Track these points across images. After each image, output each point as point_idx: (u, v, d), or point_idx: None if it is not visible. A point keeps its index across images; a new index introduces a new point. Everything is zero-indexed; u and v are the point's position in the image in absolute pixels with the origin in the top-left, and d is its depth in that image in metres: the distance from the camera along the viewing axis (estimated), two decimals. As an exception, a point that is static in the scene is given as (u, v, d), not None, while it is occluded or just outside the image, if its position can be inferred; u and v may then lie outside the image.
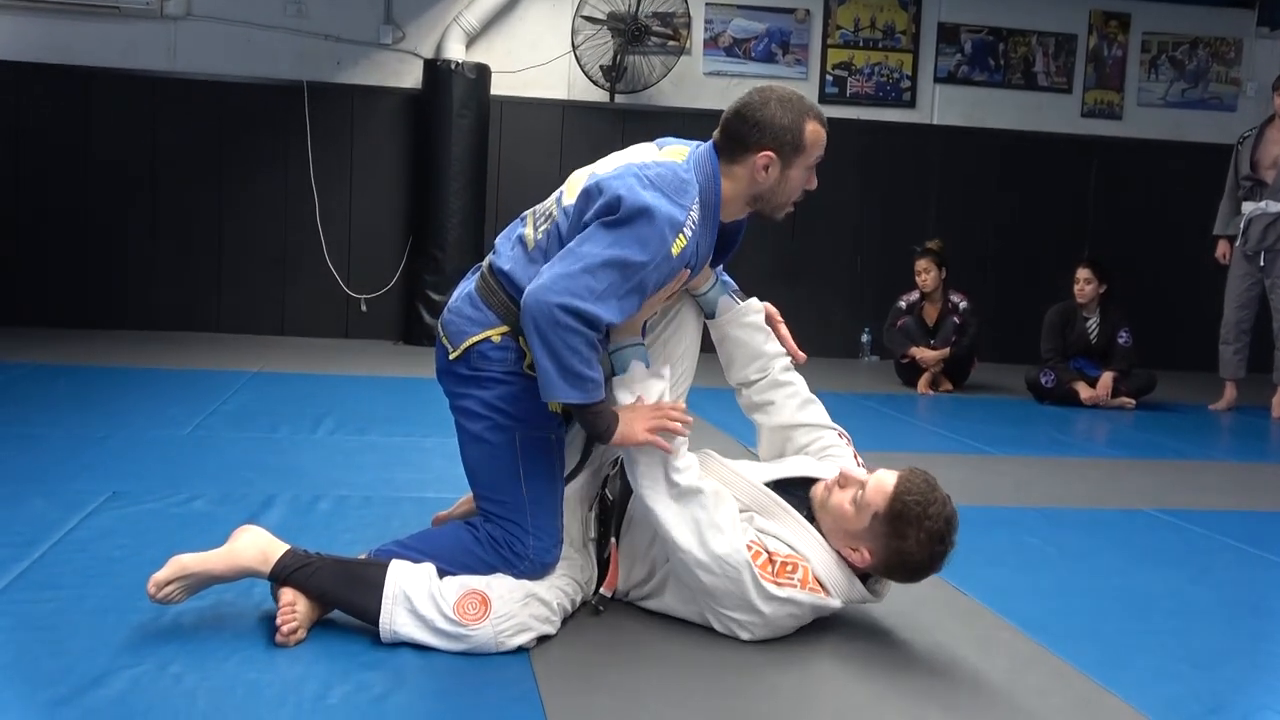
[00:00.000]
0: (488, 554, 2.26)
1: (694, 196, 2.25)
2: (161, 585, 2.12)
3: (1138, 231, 8.34)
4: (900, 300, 6.72)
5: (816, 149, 2.35)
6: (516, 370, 2.30)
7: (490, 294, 2.33)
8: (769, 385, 2.61)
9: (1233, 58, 8.59)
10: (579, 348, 2.12)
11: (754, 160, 2.30)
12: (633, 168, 2.26)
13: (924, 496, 2.21)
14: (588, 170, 2.37)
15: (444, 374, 2.40)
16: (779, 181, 2.34)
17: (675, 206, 2.20)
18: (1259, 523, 3.68)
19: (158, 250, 7.37)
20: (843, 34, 8.09)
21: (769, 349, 2.61)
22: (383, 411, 4.82)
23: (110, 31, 7.18)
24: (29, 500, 3.05)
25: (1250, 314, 6.37)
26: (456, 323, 2.35)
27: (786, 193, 2.37)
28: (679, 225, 2.19)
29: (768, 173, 2.32)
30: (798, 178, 2.36)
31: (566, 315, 2.10)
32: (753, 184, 2.33)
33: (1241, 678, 2.29)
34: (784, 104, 2.30)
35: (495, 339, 2.30)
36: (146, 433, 4.10)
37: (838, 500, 2.30)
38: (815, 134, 2.33)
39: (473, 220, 7.29)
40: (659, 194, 2.20)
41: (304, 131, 7.43)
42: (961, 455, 4.64)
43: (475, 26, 7.44)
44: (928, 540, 2.21)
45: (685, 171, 2.28)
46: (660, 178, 2.24)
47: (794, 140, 2.30)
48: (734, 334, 2.60)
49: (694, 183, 2.27)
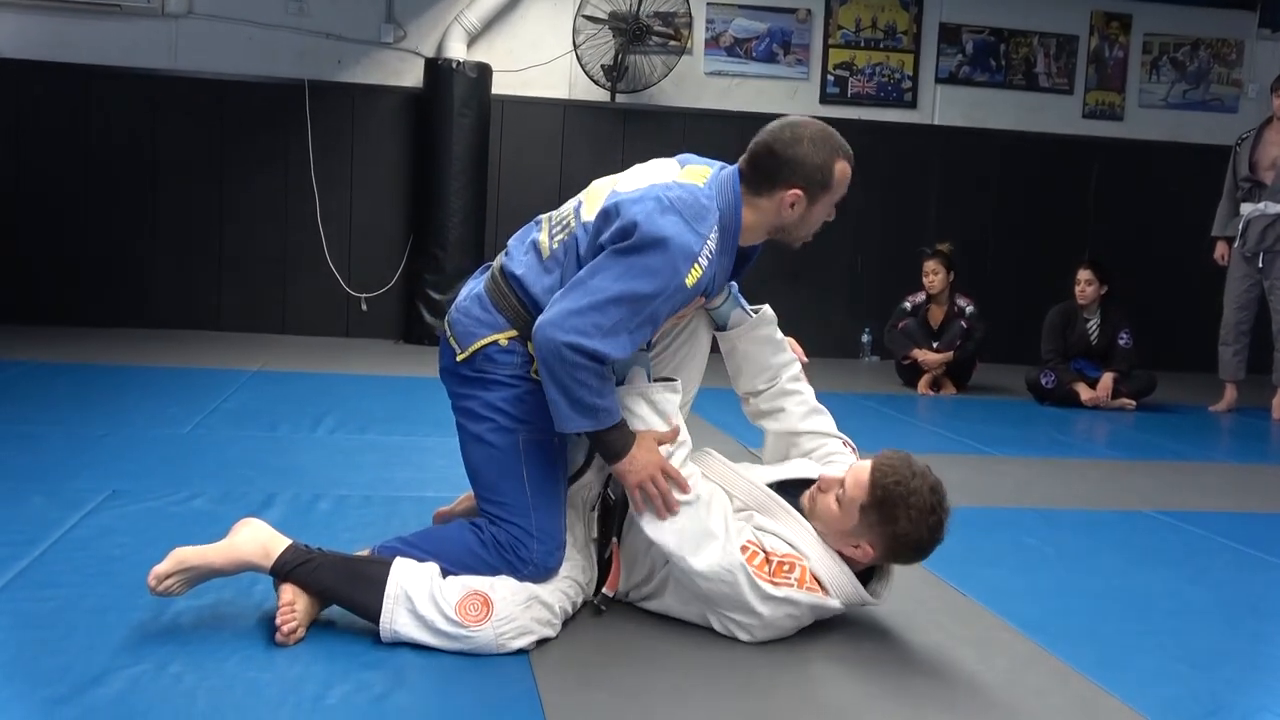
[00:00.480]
0: (492, 557, 2.25)
1: (713, 224, 2.24)
2: (162, 578, 2.12)
3: (1138, 233, 8.34)
4: (905, 301, 6.71)
5: (843, 187, 2.37)
6: (523, 374, 2.30)
7: (500, 297, 2.33)
8: (777, 394, 2.62)
9: (1234, 59, 8.59)
10: (587, 380, 2.14)
11: (781, 196, 2.32)
12: (655, 189, 2.24)
13: (901, 475, 2.21)
14: (610, 183, 2.36)
15: (448, 374, 2.40)
16: (803, 217, 2.36)
17: (692, 235, 2.19)
18: (1258, 524, 3.68)
19: (158, 249, 7.37)
20: (844, 34, 8.09)
21: (777, 361, 2.62)
22: (383, 411, 4.82)
23: (111, 29, 7.18)
24: (29, 498, 3.05)
25: (1249, 315, 6.37)
26: (464, 323, 2.35)
27: (808, 227, 2.40)
28: (694, 256, 2.18)
29: (794, 210, 2.34)
30: (822, 213, 2.38)
31: (574, 354, 2.11)
32: (777, 217, 2.35)
33: (1240, 679, 2.29)
34: (815, 143, 2.31)
35: (503, 342, 2.31)
36: (146, 431, 4.10)
37: (824, 504, 2.31)
38: (844, 173, 2.35)
39: (474, 220, 7.29)
40: (678, 218, 2.18)
41: (305, 130, 7.43)
42: (961, 456, 4.64)
43: (476, 25, 7.44)
44: (920, 516, 2.21)
45: (706, 197, 2.26)
46: (681, 200, 2.22)
47: (823, 180, 2.32)
48: (744, 348, 2.61)
49: (714, 210, 2.26)
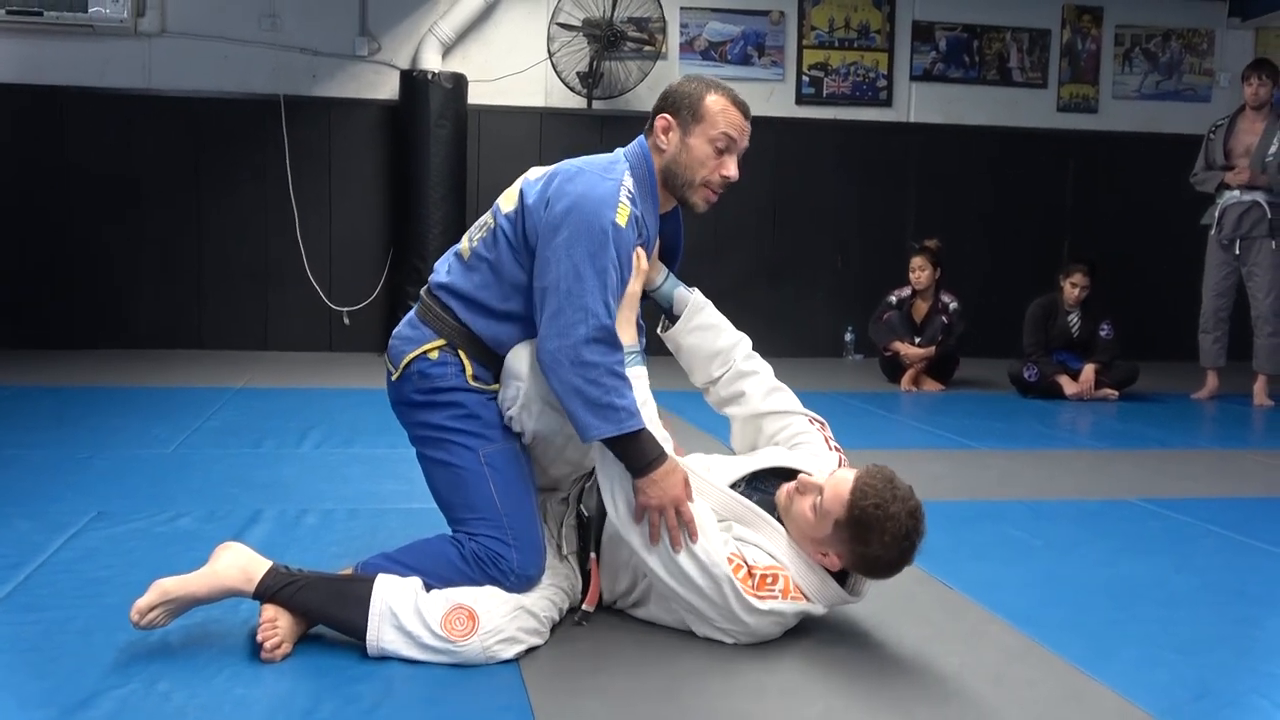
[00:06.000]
0: (473, 571, 2.25)
1: (623, 170, 2.31)
2: (144, 611, 2.10)
3: (1116, 224, 8.39)
4: (891, 295, 6.74)
5: (722, 119, 2.34)
6: (461, 385, 2.31)
7: (425, 311, 2.38)
8: (734, 377, 2.58)
9: (1205, 49, 8.65)
10: (601, 379, 2.15)
11: (656, 125, 2.38)
12: (558, 165, 2.35)
13: (882, 499, 2.15)
14: (519, 179, 2.42)
15: (397, 405, 2.43)
16: (680, 150, 2.36)
17: (603, 181, 2.26)
18: (1242, 509, 3.70)
19: (138, 268, 7.34)
20: (818, 35, 8.12)
21: (725, 343, 2.58)
22: (368, 424, 4.80)
23: (84, 50, 7.15)
24: (13, 522, 3.03)
25: (1228, 302, 6.41)
26: (396, 345, 2.40)
27: (690, 165, 2.36)
28: (612, 197, 2.23)
29: (667, 137, 2.36)
30: (699, 149, 2.35)
31: (584, 349, 2.14)
32: (658, 153, 2.37)
33: (1227, 663, 2.30)
34: (693, 78, 2.40)
35: (432, 355, 2.33)
36: (131, 451, 4.08)
37: (800, 508, 2.27)
38: (716, 104, 2.34)
39: (454, 230, 7.26)
40: (584, 175, 2.27)
41: (282, 145, 7.41)
42: (946, 450, 4.66)
43: (450, 36, 7.45)
44: (893, 541, 2.16)
45: (613, 156, 2.37)
46: (586, 160, 2.34)
47: (690, 105, 2.35)
48: (689, 341, 2.58)
49: (621, 160, 2.35)
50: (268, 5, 7.41)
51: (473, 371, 2.32)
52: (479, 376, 2.33)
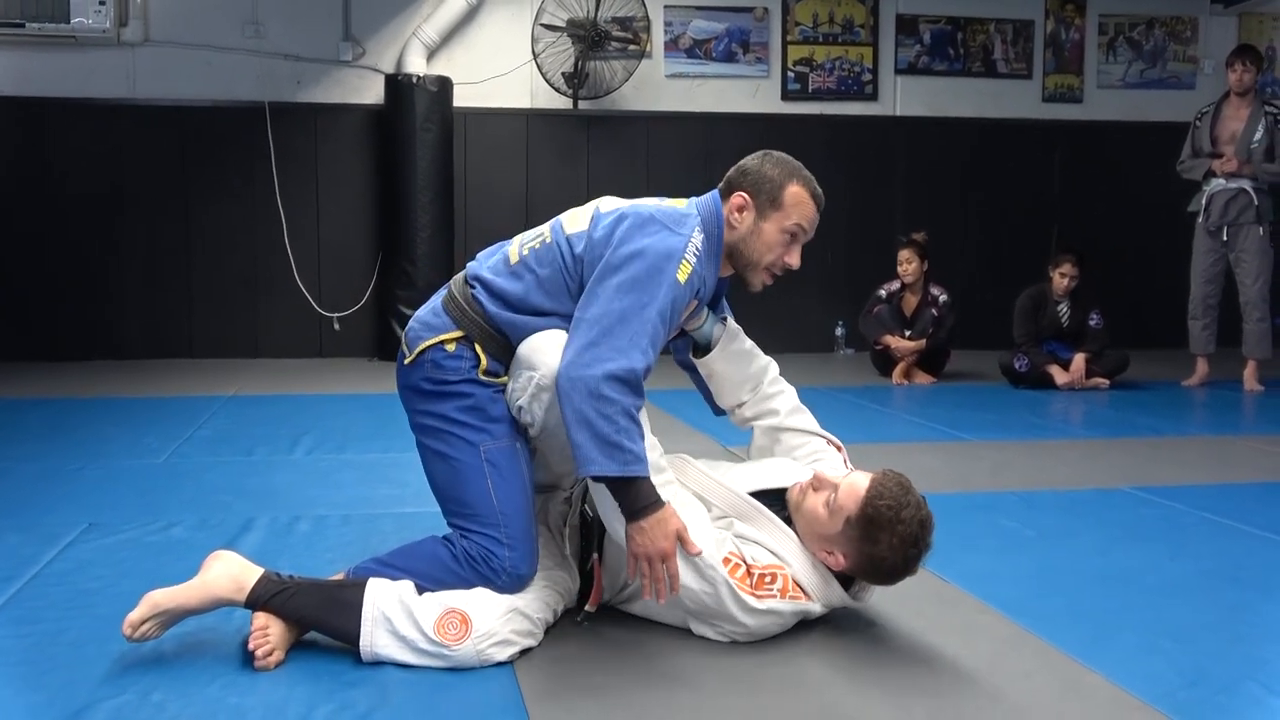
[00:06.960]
0: (465, 571, 2.24)
1: (694, 226, 2.29)
2: (136, 625, 2.09)
3: (1103, 213, 8.41)
4: (881, 289, 6.74)
5: (796, 213, 2.35)
6: (472, 379, 2.30)
7: (451, 301, 2.36)
8: (761, 399, 2.61)
9: (1189, 36, 8.67)
10: (615, 417, 2.11)
11: (731, 203, 2.35)
12: (635, 204, 2.34)
13: (896, 501, 2.19)
14: (591, 205, 2.41)
15: (404, 389, 2.41)
16: (751, 231, 2.35)
17: (674, 236, 2.24)
18: (1234, 495, 3.71)
19: (126, 278, 7.32)
20: (802, 30, 8.12)
21: (755, 369, 2.60)
22: (360, 429, 4.80)
23: (67, 61, 7.13)
24: (5, 535, 3.02)
25: (1216, 289, 6.43)
26: (415, 329, 2.39)
27: (758, 249, 2.37)
28: (679, 253, 2.22)
29: (741, 215, 2.35)
30: (771, 235, 2.35)
31: (606, 385, 2.10)
32: (730, 229, 2.36)
33: (1222, 649, 2.31)
34: (775, 163, 2.38)
35: (449, 347, 2.32)
36: (122, 462, 4.07)
37: (811, 504, 2.29)
38: (797, 195, 2.35)
39: (442, 233, 7.28)
40: (658, 225, 2.25)
41: (268, 152, 7.40)
42: (938, 442, 4.67)
43: (435, 39, 7.44)
44: (900, 545, 2.20)
45: (685, 208, 2.35)
46: (659, 210, 2.31)
47: (771, 191, 2.34)
48: (721, 368, 2.59)
49: (694, 215, 2.33)
50: (251, 12, 7.39)
51: (486, 365, 2.30)
52: (491, 370, 2.31)
